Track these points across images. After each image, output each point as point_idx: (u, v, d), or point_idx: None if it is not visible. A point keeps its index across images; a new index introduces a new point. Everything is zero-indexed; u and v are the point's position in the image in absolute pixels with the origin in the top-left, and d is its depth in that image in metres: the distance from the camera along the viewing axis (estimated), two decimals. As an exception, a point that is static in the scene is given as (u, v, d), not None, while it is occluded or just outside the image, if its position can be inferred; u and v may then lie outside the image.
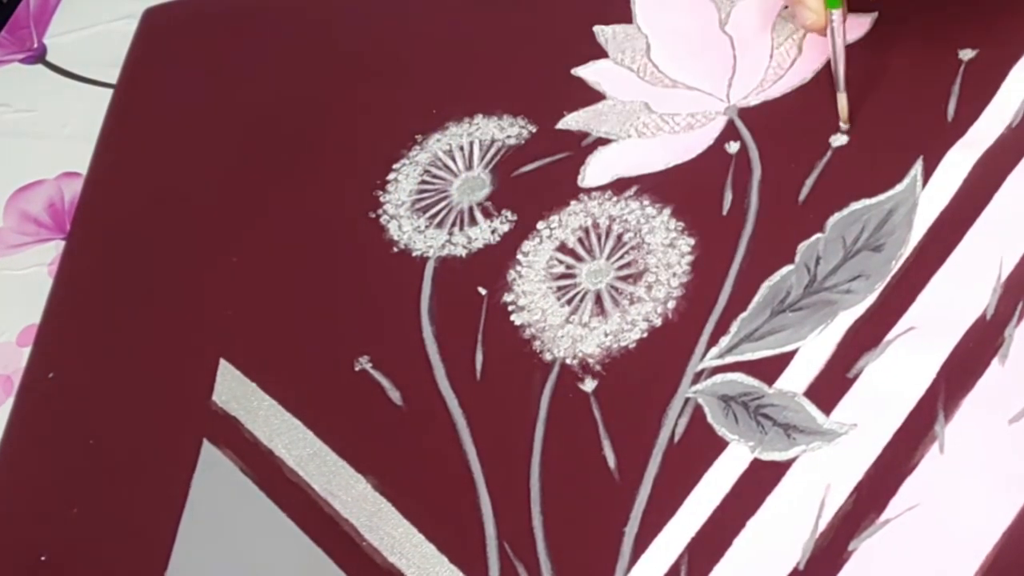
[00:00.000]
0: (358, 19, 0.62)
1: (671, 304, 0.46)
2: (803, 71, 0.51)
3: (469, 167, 0.53)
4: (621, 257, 0.48)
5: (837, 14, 0.46)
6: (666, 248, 0.47)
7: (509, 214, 0.51)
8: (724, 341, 0.44)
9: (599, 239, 0.49)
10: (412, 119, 0.56)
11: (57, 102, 0.65)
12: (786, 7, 0.50)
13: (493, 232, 0.50)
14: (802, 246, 0.45)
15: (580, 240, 0.49)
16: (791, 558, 0.39)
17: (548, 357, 0.46)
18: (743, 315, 0.44)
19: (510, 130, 0.54)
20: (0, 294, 0.57)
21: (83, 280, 0.56)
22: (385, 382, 0.47)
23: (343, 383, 0.48)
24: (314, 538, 0.44)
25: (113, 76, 0.64)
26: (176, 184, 0.58)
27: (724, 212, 0.48)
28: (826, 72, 0.50)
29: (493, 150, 0.53)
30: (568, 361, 0.46)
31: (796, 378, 0.42)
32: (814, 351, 0.43)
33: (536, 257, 0.49)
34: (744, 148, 0.49)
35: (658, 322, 0.46)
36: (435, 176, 0.53)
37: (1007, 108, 0.46)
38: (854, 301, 0.44)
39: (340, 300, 0.51)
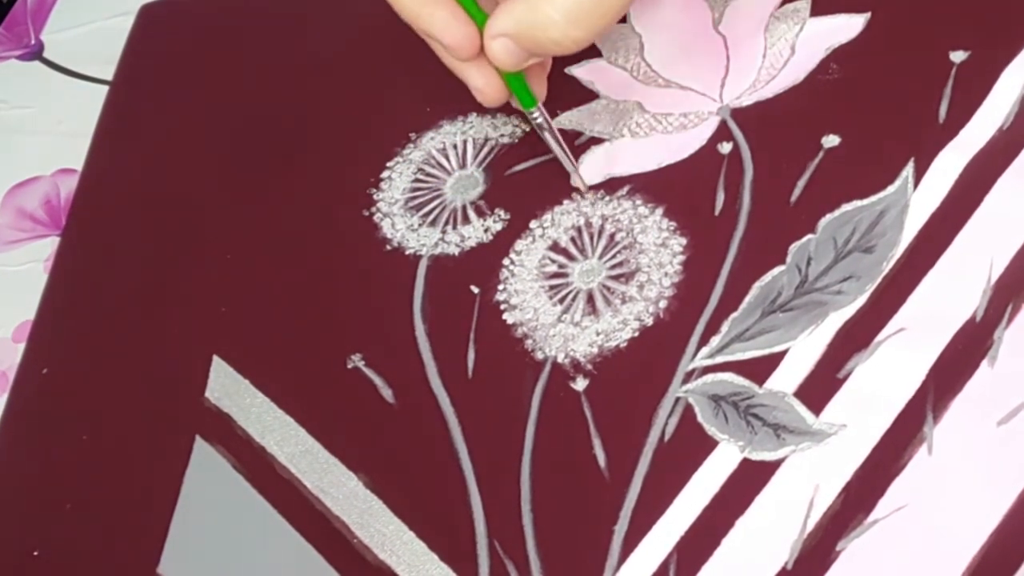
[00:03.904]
0: (354, 17, 0.62)
1: (663, 304, 0.46)
2: (796, 72, 0.51)
3: (463, 165, 0.53)
4: (613, 256, 0.48)
5: (536, 111, 0.47)
6: (658, 248, 0.47)
7: (502, 213, 0.51)
8: (715, 341, 0.44)
9: (591, 238, 0.49)
10: (406, 117, 0.56)
11: (54, 99, 0.65)
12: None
13: (486, 231, 0.51)
14: (793, 247, 0.46)
15: (572, 239, 0.49)
16: (779, 557, 0.39)
17: (540, 356, 0.46)
18: (734, 315, 0.45)
19: (504, 129, 0.54)
20: (-5, 290, 0.58)
21: (78, 276, 0.56)
22: (377, 380, 0.47)
23: (335, 380, 0.48)
24: (305, 535, 0.44)
25: (109, 73, 0.64)
26: (171, 181, 0.58)
27: (716, 212, 0.48)
28: (819, 72, 0.50)
29: (487, 149, 0.53)
30: (560, 360, 0.46)
31: (786, 378, 0.43)
32: (804, 351, 0.43)
33: (529, 256, 0.49)
34: (736, 148, 0.49)
35: (649, 321, 0.46)
36: (429, 174, 0.54)
37: (998, 110, 0.47)
38: (845, 302, 0.44)
39: (333, 297, 0.51)
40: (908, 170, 0.46)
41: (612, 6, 0.44)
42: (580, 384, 0.45)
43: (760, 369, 0.43)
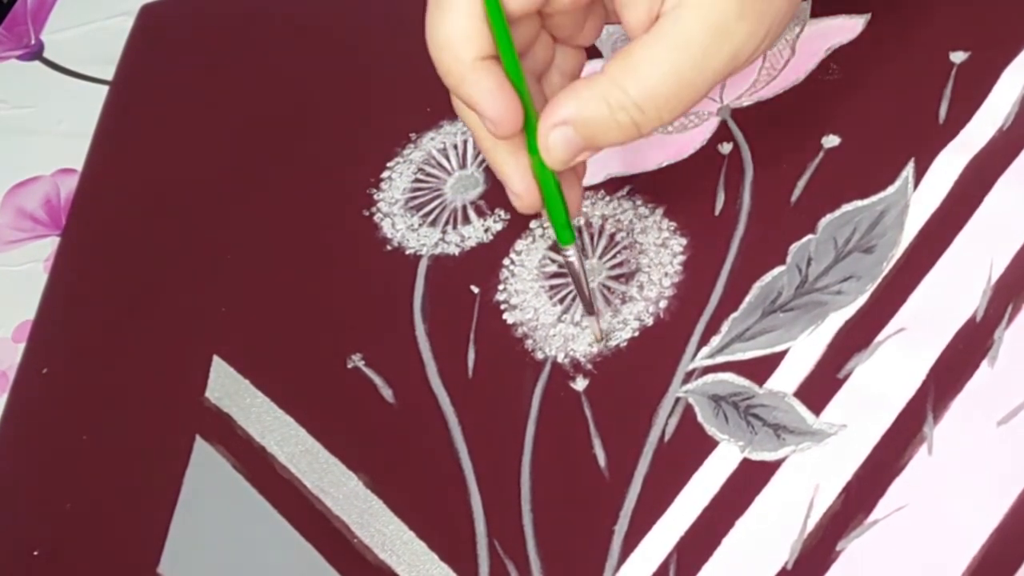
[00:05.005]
0: (354, 17, 0.62)
1: (663, 304, 0.46)
2: (796, 72, 0.51)
3: (463, 165, 0.53)
4: (613, 256, 0.48)
5: (571, 250, 0.44)
6: (658, 248, 0.47)
7: (502, 213, 0.51)
8: (715, 341, 0.44)
9: (591, 238, 0.49)
10: (407, 117, 0.56)
11: (54, 99, 0.65)
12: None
13: (486, 231, 0.51)
14: (794, 247, 0.46)
15: (573, 239, 0.49)
16: (779, 558, 0.39)
17: (540, 356, 0.46)
18: (734, 315, 0.45)
19: (504, 129, 0.54)
20: (-4, 290, 0.58)
21: (78, 276, 0.56)
22: (377, 379, 0.47)
23: (335, 380, 0.48)
24: (305, 535, 0.44)
25: (109, 73, 0.65)
26: (171, 181, 0.58)
27: (716, 212, 0.48)
28: (819, 72, 0.50)
29: (487, 149, 0.53)
30: (560, 360, 0.46)
31: (786, 378, 0.43)
32: (804, 352, 0.43)
33: (529, 256, 0.49)
34: (737, 149, 0.49)
35: (649, 321, 0.46)
36: (429, 174, 0.54)
37: (998, 111, 0.47)
38: (845, 302, 0.44)
39: (333, 297, 0.51)
40: (908, 170, 0.46)
41: (681, 100, 0.41)
42: (580, 384, 0.45)
43: (760, 369, 0.43)
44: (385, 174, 0.54)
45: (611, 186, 0.50)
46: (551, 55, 0.45)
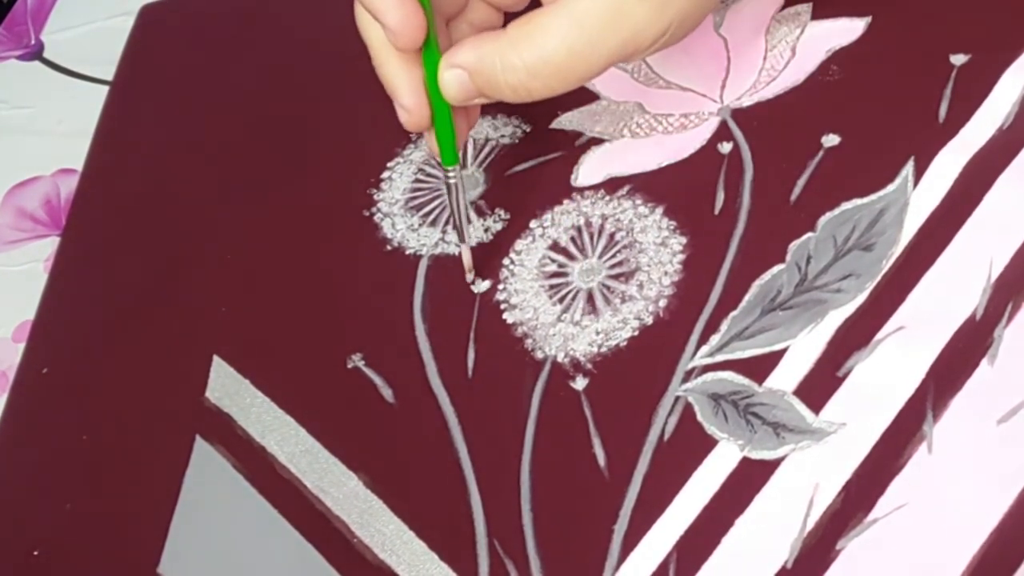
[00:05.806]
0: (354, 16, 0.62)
1: (662, 303, 0.46)
2: (796, 73, 0.51)
3: (463, 166, 0.53)
4: (613, 256, 0.48)
5: (454, 171, 0.46)
6: (658, 247, 0.47)
7: (502, 212, 0.51)
8: (714, 339, 0.44)
9: (591, 238, 0.49)
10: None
11: (54, 99, 0.65)
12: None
13: (486, 230, 0.51)
14: (793, 245, 0.46)
15: (572, 239, 0.49)
16: (779, 556, 0.39)
17: (539, 355, 0.46)
18: (734, 313, 0.45)
19: (504, 129, 0.54)
20: (-4, 290, 0.58)
21: (78, 276, 0.56)
22: (377, 379, 0.47)
23: (336, 380, 0.48)
24: (305, 534, 0.44)
25: (109, 73, 0.64)
26: (171, 181, 0.58)
27: (716, 211, 0.48)
28: (819, 74, 0.50)
29: (487, 149, 0.54)
30: (559, 359, 0.46)
31: (786, 377, 0.43)
32: (804, 350, 0.43)
33: (529, 256, 0.49)
34: (737, 148, 0.49)
35: (649, 320, 0.46)
36: (429, 174, 0.54)
37: (998, 111, 0.47)
38: (844, 300, 0.44)
39: (333, 297, 0.51)
40: (908, 168, 0.46)
41: (572, 73, 0.43)
42: (580, 383, 0.45)
43: (760, 367, 0.43)
44: (385, 174, 0.54)
45: (611, 186, 0.50)
46: (464, 2, 0.46)
